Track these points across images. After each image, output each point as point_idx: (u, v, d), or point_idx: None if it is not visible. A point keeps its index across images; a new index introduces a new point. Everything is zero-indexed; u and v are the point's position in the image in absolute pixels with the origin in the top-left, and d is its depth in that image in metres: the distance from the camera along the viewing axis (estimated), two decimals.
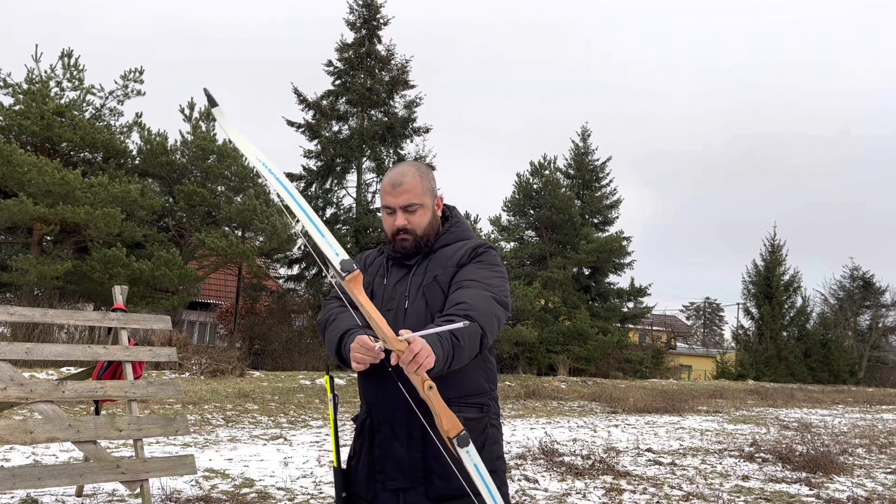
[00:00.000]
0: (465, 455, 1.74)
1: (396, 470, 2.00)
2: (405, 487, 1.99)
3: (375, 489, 2.03)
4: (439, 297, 2.05)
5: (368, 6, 24.03)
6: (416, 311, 2.05)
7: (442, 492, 1.95)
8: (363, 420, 2.11)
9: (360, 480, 2.07)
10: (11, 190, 16.15)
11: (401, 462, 1.99)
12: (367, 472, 2.05)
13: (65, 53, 18.26)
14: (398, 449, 2.00)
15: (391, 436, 2.02)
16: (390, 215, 2.13)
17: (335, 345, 2.06)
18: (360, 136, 23.03)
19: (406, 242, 2.11)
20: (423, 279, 2.09)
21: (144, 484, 4.41)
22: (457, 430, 1.74)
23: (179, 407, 9.94)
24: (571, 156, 31.48)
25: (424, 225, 2.13)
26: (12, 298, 17.40)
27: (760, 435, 11.12)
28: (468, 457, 1.75)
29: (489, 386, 2.12)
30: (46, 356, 4.72)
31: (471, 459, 1.75)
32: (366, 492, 2.05)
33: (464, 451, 1.74)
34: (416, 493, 1.98)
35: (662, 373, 30.41)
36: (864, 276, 40.83)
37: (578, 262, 27.79)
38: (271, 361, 20.33)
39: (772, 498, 6.14)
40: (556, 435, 9.74)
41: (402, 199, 2.10)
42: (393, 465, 2.00)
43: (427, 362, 1.71)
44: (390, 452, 2.01)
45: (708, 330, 70.02)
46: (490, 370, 2.13)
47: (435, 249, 2.16)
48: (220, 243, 18.00)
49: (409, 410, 1.98)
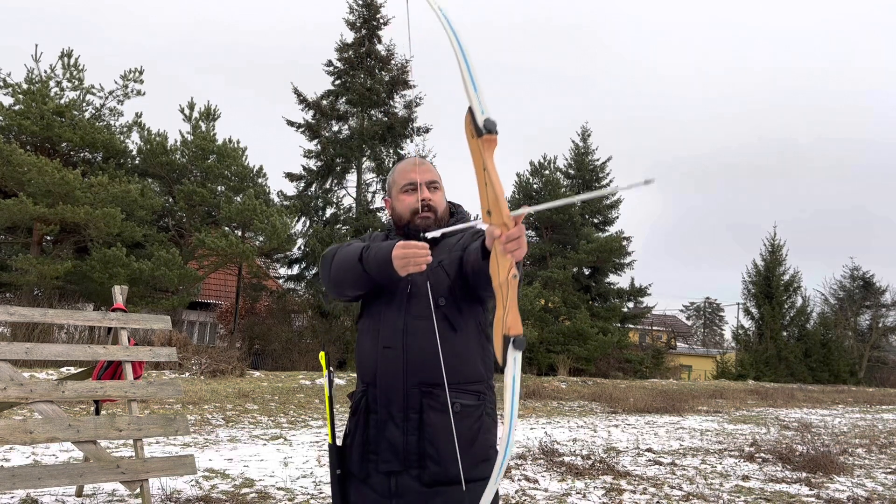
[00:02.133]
0: (512, 361, 1.64)
1: (390, 452, 1.99)
2: (398, 471, 1.98)
3: (368, 469, 2.03)
4: (444, 281, 2.05)
5: (368, 6, 24.03)
6: (421, 294, 2.05)
7: (435, 477, 1.95)
8: (359, 399, 2.11)
9: (353, 459, 2.07)
10: (11, 190, 16.14)
11: (395, 445, 1.99)
12: (361, 451, 2.05)
13: (65, 53, 18.26)
14: (393, 431, 2.00)
15: (387, 417, 2.01)
16: (411, 192, 2.14)
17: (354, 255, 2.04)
18: (360, 136, 23.03)
19: (428, 220, 2.12)
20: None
21: (144, 484, 4.41)
22: (517, 331, 1.63)
23: (179, 407, 9.94)
24: (571, 156, 31.50)
25: (442, 208, 2.17)
26: (12, 298, 17.40)
27: (760, 435, 11.12)
28: (513, 364, 1.63)
29: (487, 374, 2.12)
30: (46, 356, 4.71)
31: (514, 368, 1.63)
32: (359, 471, 2.05)
33: (512, 355, 1.62)
34: (409, 477, 1.97)
35: (662, 373, 30.40)
36: (864, 276, 40.82)
37: (578, 262, 27.78)
38: (271, 361, 20.33)
39: (772, 498, 6.14)
40: (556, 435, 9.74)
41: (427, 177, 2.15)
42: (387, 446, 2.00)
43: (524, 249, 1.65)
44: (385, 434, 2.01)
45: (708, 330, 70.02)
46: (488, 358, 2.13)
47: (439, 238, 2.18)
48: (219, 243, 18.00)
49: (408, 392, 1.98)
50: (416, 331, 2.01)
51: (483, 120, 1.63)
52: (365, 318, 2.16)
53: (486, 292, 1.96)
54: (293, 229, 21.22)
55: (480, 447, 1.99)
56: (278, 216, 19.39)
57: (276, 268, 25.20)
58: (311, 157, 23.76)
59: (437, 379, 1.97)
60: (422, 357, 1.99)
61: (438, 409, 1.97)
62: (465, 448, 1.96)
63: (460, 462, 1.93)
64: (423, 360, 1.99)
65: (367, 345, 2.10)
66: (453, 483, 1.93)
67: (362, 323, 2.17)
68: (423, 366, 1.99)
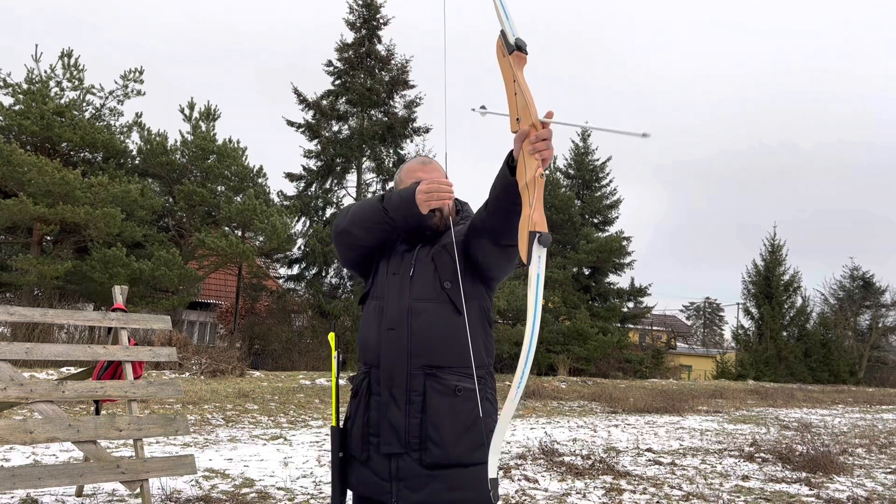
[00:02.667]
0: (536, 259, 1.64)
1: (391, 434, 2.00)
2: (399, 453, 1.99)
3: (369, 451, 2.04)
4: (448, 263, 2.06)
5: (368, 6, 24.03)
6: (425, 275, 2.06)
7: (437, 459, 1.95)
8: (361, 381, 2.11)
9: (354, 441, 2.08)
10: (11, 190, 16.14)
11: (397, 427, 1.99)
12: (362, 433, 2.05)
13: (65, 53, 18.26)
14: (395, 413, 2.00)
15: (389, 399, 2.02)
16: None
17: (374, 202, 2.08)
18: (360, 136, 23.03)
19: (435, 218, 2.14)
20: (431, 248, 2.11)
21: (144, 484, 4.41)
22: (543, 228, 1.65)
23: (179, 407, 9.94)
24: (571, 156, 31.51)
25: (448, 207, 2.17)
26: (12, 298, 17.41)
27: (760, 435, 11.12)
28: (538, 261, 1.64)
29: (488, 359, 2.13)
30: (46, 356, 4.71)
31: (538, 265, 1.64)
32: (359, 453, 2.06)
33: (537, 252, 1.64)
34: (410, 459, 1.98)
35: (662, 373, 30.40)
36: (864, 276, 40.82)
37: (578, 262, 27.78)
38: (271, 361, 20.33)
39: (772, 498, 6.14)
40: (556, 435, 9.74)
41: (435, 175, 2.16)
42: (388, 429, 2.00)
43: (553, 151, 1.72)
44: (386, 416, 2.01)
45: (708, 330, 70.02)
46: (489, 343, 2.15)
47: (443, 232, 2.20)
48: (219, 243, 18.00)
49: (411, 374, 1.99)
50: (421, 313, 2.02)
51: (514, 39, 1.76)
52: (369, 301, 2.17)
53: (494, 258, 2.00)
54: (293, 229, 21.22)
55: (480, 431, 2.00)
56: (278, 216, 19.39)
57: (276, 268, 25.20)
58: (311, 157, 23.76)
59: (441, 361, 1.99)
60: (426, 339, 2.00)
61: (441, 391, 1.98)
62: (466, 431, 1.97)
63: (461, 446, 1.94)
64: (427, 342, 2.00)
65: (371, 326, 2.10)
66: (453, 466, 1.94)
67: (366, 305, 2.18)
68: (427, 348, 2.00)
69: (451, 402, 1.96)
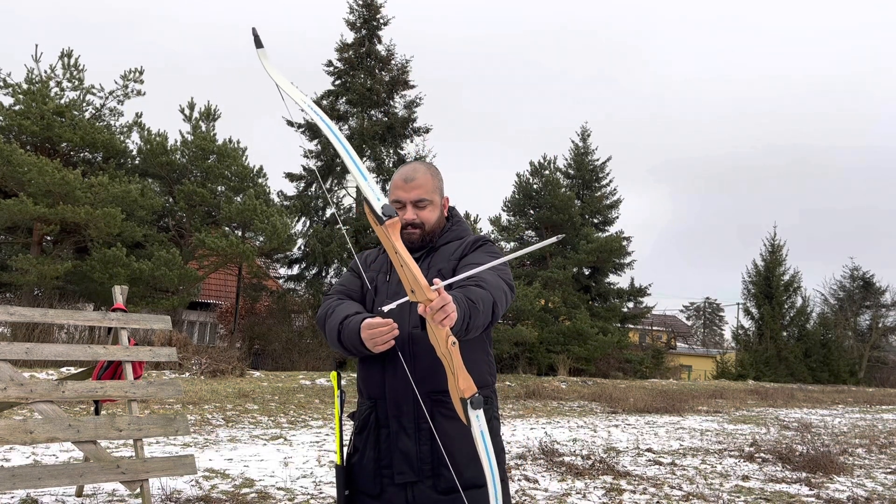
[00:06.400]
0: (475, 419, 1.74)
1: (404, 463, 2.00)
2: (413, 481, 1.99)
3: (383, 484, 2.03)
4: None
5: (368, 6, 24.03)
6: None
7: (451, 484, 1.95)
8: (367, 415, 2.10)
9: (365, 476, 2.06)
10: (11, 190, 16.14)
11: (408, 455, 2.00)
12: (374, 466, 2.05)
13: (65, 53, 18.25)
14: (406, 442, 2.01)
15: (399, 429, 2.02)
16: (399, 210, 2.16)
17: (335, 334, 2.07)
18: (360, 136, 23.03)
19: (414, 235, 2.15)
20: (426, 273, 2.10)
21: (144, 484, 4.41)
22: (471, 391, 1.72)
23: (179, 407, 9.94)
24: (571, 156, 31.48)
25: (433, 221, 2.18)
26: (12, 298, 17.40)
27: (760, 435, 11.12)
28: (477, 421, 1.74)
29: (491, 379, 2.15)
30: (46, 356, 4.71)
31: (479, 424, 1.75)
32: (372, 487, 2.05)
33: (474, 414, 1.73)
34: (425, 487, 1.98)
35: (662, 373, 30.40)
36: (864, 276, 40.81)
37: (578, 262, 27.77)
38: (271, 361, 20.33)
39: (772, 498, 6.14)
40: (556, 435, 9.74)
41: (414, 195, 2.15)
42: (400, 458, 2.00)
43: (453, 316, 1.70)
44: (397, 446, 2.01)
45: (708, 330, 70.02)
46: (491, 363, 2.17)
47: (438, 247, 2.20)
48: (220, 243, 17.99)
49: (417, 403, 1.99)
50: (421, 340, 2.00)
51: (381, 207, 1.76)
52: None
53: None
54: (293, 229, 21.21)
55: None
56: (278, 216, 19.39)
57: (276, 268, 25.19)
58: (312, 157, 23.78)
59: (445, 386, 1.97)
60: (429, 366, 1.99)
61: (449, 416, 1.98)
62: (476, 453, 1.97)
63: (473, 468, 1.95)
64: (430, 368, 1.99)
65: (373, 360, 2.08)
66: (468, 488, 1.95)
67: None
68: (430, 374, 1.99)
69: (460, 426, 1.94)
